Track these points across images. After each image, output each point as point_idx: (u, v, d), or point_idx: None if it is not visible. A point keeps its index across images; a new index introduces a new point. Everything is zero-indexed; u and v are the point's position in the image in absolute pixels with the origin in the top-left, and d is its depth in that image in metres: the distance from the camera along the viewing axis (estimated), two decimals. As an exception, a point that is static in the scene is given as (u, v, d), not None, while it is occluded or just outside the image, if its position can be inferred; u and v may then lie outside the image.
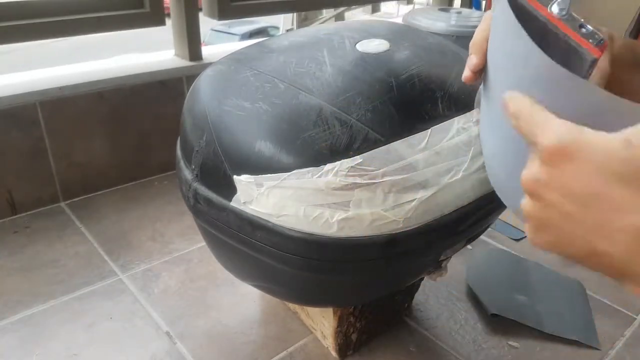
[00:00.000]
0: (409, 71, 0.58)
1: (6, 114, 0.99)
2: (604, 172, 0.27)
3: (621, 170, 0.27)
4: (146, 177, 1.22)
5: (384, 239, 0.53)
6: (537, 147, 0.30)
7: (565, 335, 0.81)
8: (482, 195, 0.57)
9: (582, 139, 0.28)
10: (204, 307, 0.84)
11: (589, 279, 0.94)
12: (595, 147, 0.28)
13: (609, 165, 0.27)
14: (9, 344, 0.75)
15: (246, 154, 0.53)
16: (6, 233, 1.00)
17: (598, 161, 0.28)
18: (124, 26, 1.12)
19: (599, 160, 0.27)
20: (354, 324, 0.73)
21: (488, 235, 1.06)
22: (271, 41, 0.68)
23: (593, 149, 0.28)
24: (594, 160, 0.28)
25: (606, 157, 0.27)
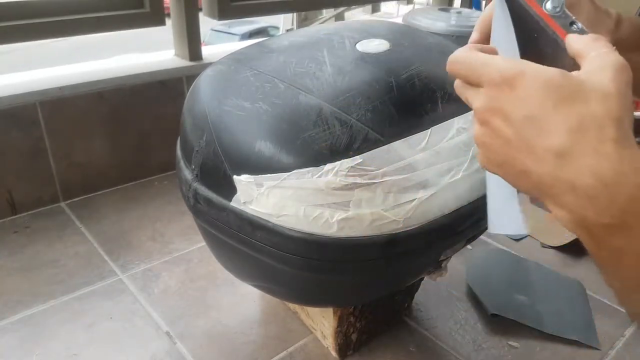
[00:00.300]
0: (409, 71, 0.58)
1: (6, 114, 0.99)
2: (539, 97, 0.31)
3: (555, 95, 0.30)
4: (146, 177, 1.22)
5: (384, 239, 0.53)
6: (483, 83, 0.34)
7: (565, 335, 0.81)
8: (482, 195, 0.57)
9: (522, 68, 0.31)
10: (204, 307, 0.84)
11: (589, 279, 0.94)
12: (534, 74, 0.31)
13: (544, 90, 0.30)
14: (9, 344, 0.75)
15: (246, 154, 0.53)
16: (6, 233, 1.00)
17: (535, 87, 0.31)
18: (124, 26, 1.12)
19: (536, 86, 0.31)
20: (354, 324, 0.73)
21: (488, 235, 1.06)
22: (271, 41, 0.68)
23: (532, 76, 0.31)
24: (531, 86, 0.31)
25: (543, 83, 0.31)
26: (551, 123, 0.30)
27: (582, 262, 0.99)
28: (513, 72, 0.32)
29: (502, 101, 0.32)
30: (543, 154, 0.31)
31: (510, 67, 0.32)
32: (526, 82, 0.31)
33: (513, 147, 0.32)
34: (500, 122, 0.33)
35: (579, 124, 0.29)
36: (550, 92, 0.30)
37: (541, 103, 0.30)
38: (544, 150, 0.31)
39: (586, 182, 0.29)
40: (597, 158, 0.29)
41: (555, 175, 0.30)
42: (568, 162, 0.30)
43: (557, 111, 0.30)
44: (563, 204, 0.31)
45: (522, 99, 0.31)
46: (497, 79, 0.32)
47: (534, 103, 0.31)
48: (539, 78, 0.31)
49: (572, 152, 0.30)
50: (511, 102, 0.32)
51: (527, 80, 0.31)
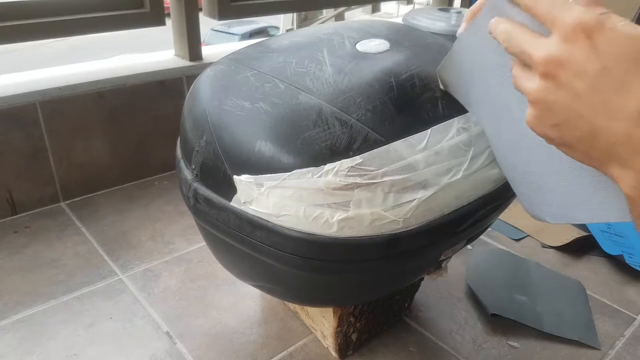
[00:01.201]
0: (409, 71, 0.58)
1: (6, 114, 0.99)
2: (620, 50, 0.29)
3: (635, 53, 0.28)
4: (146, 177, 1.22)
5: (384, 239, 0.53)
6: (557, 26, 0.31)
7: (565, 335, 0.81)
8: (482, 195, 0.57)
9: (604, 19, 0.29)
10: (204, 307, 0.84)
11: (589, 279, 0.94)
12: (617, 29, 0.29)
13: (626, 44, 0.29)
14: (9, 344, 0.75)
15: (246, 154, 0.53)
16: (6, 233, 1.00)
17: (616, 39, 0.29)
18: (124, 26, 1.12)
19: (617, 38, 0.29)
20: (354, 324, 0.73)
21: (488, 235, 1.06)
22: (271, 41, 0.68)
23: (614, 31, 0.29)
24: (612, 37, 0.29)
25: (625, 36, 0.29)
26: (631, 78, 0.29)
27: (582, 262, 0.99)
28: (594, 20, 0.29)
29: (577, 51, 0.30)
30: (619, 110, 0.29)
31: (590, 14, 0.30)
32: (606, 33, 0.29)
33: (583, 103, 0.30)
34: (571, 74, 0.30)
35: None
36: (632, 46, 0.29)
37: (622, 56, 0.29)
38: (621, 107, 0.29)
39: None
40: None
41: (631, 133, 0.29)
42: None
43: (634, 66, 0.28)
44: (632, 164, 0.30)
45: (601, 51, 0.29)
46: (574, 25, 0.30)
47: (614, 55, 0.29)
48: (621, 31, 0.29)
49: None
50: (587, 52, 0.29)
51: (608, 31, 0.29)
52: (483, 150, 0.57)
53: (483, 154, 0.56)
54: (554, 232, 1.05)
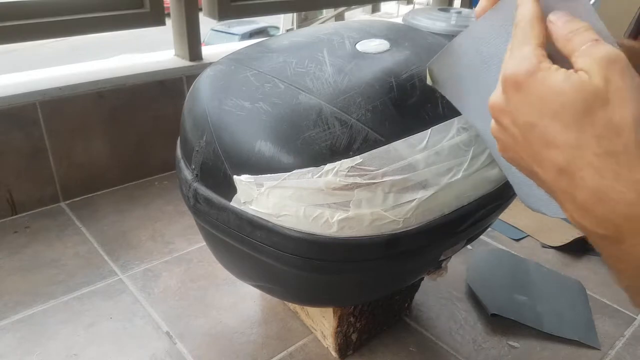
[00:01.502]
0: (409, 71, 0.58)
1: (6, 114, 0.99)
2: (542, 110, 0.30)
3: (556, 108, 0.30)
4: (146, 177, 1.22)
5: (384, 239, 0.53)
6: (502, 70, 0.33)
7: (565, 335, 0.81)
8: (482, 195, 0.57)
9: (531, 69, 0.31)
10: (204, 307, 0.84)
11: (589, 279, 0.94)
12: (544, 82, 0.30)
13: (548, 103, 0.30)
14: (9, 344, 0.75)
15: (246, 154, 0.53)
16: (6, 233, 1.00)
17: (540, 97, 0.30)
18: (124, 26, 1.12)
19: (542, 96, 0.30)
20: (354, 324, 0.73)
21: (488, 235, 1.06)
22: (271, 41, 0.68)
23: (540, 84, 0.30)
24: (536, 95, 0.31)
25: (549, 94, 0.30)
26: (553, 133, 0.30)
27: (582, 262, 0.99)
28: (524, 73, 0.31)
29: (510, 103, 0.32)
30: (545, 163, 0.31)
31: (526, 64, 0.31)
32: (532, 87, 0.31)
33: (520, 148, 0.33)
34: (510, 122, 0.33)
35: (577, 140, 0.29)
36: (554, 100, 0.30)
37: (545, 112, 0.30)
38: (546, 160, 0.31)
39: (583, 196, 0.30)
40: (592, 174, 0.29)
41: (556, 184, 0.31)
42: (567, 175, 0.30)
43: (555, 123, 0.30)
44: (565, 208, 0.32)
45: (527, 105, 0.31)
46: (508, 77, 0.32)
47: (537, 111, 0.30)
48: (547, 85, 0.30)
49: (571, 166, 0.30)
50: (517, 105, 0.32)
51: (535, 85, 0.31)
52: (483, 150, 0.57)
53: (483, 154, 0.56)
54: (554, 232, 1.05)
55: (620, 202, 0.28)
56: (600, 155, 0.28)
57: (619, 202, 0.28)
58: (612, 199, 0.29)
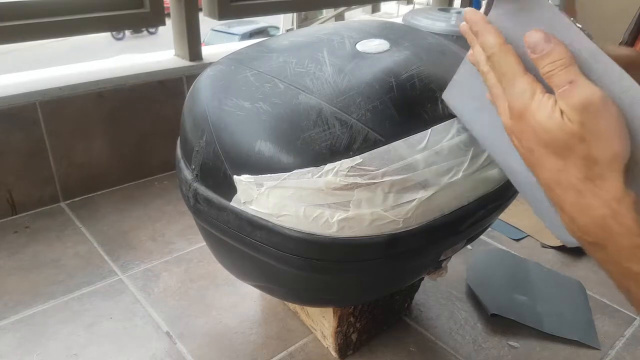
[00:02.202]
0: (409, 71, 0.58)
1: (6, 114, 0.99)
2: (536, 137, 0.36)
3: (546, 139, 0.36)
4: (146, 177, 1.22)
5: (384, 239, 0.53)
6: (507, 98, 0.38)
7: (565, 335, 0.81)
8: (482, 195, 0.57)
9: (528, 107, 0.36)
10: (204, 307, 0.84)
11: (589, 279, 0.94)
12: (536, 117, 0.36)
13: (540, 136, 0.36)
14: (9, 344, 0.75)
15: (246, 154, 0.53)
16: (6, 233, 1.00)
17: (534, 130, 0.36)
18: (124, 26, 1.12)
19: (535, 130, 0.36)
20: (354, 324, 0.73)
21: (488, 235, 1.06)
22: (271, 41, 0.68)
23: (534, 119, 0.36)
24: (531, 128, 0.36)
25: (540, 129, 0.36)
26: (544, 160, 0.37)
27: (582, 262, 0.99)
28: (521, 107, 0.37)
29: (515, 127, 0.38)
30: (541, 180, 0.38)
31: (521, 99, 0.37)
32: (527, 121, 0.36)
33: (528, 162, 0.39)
34: (517, 142, 0.39)
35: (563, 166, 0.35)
36: (543, 135, 0.36)
37: (537, 141, 0.36)
38: (541, 178, 0.38)
39: (569, 209, 0.36)
40: (575, 193, 0.35)
41: (550, 196, 0.38)
42: (556, 192, 0.37)
43: (546, 150, 0.36)
44: (561, 217, 0.38)
45: (526, 132, 0.37)
46: (510, 106, 0.38)
47: (532, 139, 0.37)
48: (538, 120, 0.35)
49: (559, 185, 0.36)
50: (520, 130, 0.38)
51: (529, 119, 0.36)
52: (483, 150, 0.57)
53: (483, 154, 0.56)
54: (554, 232, 1.05)
55: (596, 216, 0.35)
56: (580, 179, 0.35)
57: (595, 216, 0.35)
58: (589, 213, 0.35)
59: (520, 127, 0.37)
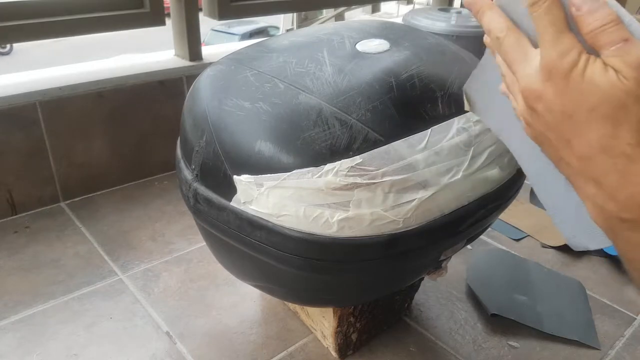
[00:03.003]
0: (409, 71, 0.58)
1: (6, 114, 0.99)
2: (578, 103, 0.32)
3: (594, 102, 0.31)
4: (146, 177, 1.22)
5: (384, 239, 0.53)
6: (541, 58, 0.34)
7: (565, 335, 0.81)
8: (482, 195, 0.57)
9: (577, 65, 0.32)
10: (204, 307, 0.84)
11: (589, 279, 0.94)
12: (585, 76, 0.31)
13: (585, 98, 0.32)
14: (9, 344, 0.75)
15: (246, 154, 0.53)
16: (6, 233, 1.00)
17: (579, 91, 0.32)
18: (124, 26, 1.12)
19: (580, 91, 0.32)
20: (354, 324, 0.73)
21: (488, 235, 1.06)
22: (271, 41, 0.68)
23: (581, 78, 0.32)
24: (576, 88, 0.32)
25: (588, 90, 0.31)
26: (584, 127, 0.32)
27: (582, 262, 0.99)
28: (567, 64, 0.32)
29: (549, 90, 0.33)
30: (576, 149, 0.33)
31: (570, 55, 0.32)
32: (572, 80, 0.32)
33: (552, 134, 0.34)
34: (545, 108, 0.34)
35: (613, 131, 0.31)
36: (590, 97, 0.31)
37: (580, 105, 0.32)
38: (578, 147, 0.33)
39: (611, 180, 0.32)
40: (624, 160, 0.31)
41: (584, 169, 0.33)
42: (597, 162, 0.32)
43: (592, 115, 0.32)
44: (588, 194, 0.34)
45: (566, 96, 0.32)
46: (551, 65, 0.33)
47: (573, 103, 0.32)
48: (587, 79, 0.31)
49: (604, 154, 0.32)
50: (555, 94, 0.33)
51: (575, 78, 0.32)
52: (483, 150, 0.57)
53: (483, 154, 0.56)
54: (554, 232, 1.05)
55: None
56: (633, 144, 0.31)
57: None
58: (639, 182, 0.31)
59: (556, 90, 0.33)
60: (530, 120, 0.36)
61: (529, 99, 0.35)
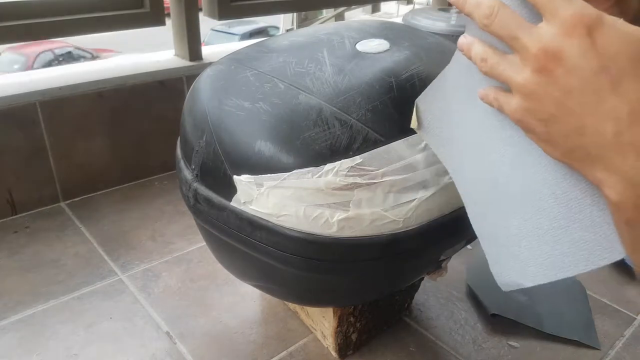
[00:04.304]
0: (409, 71, 0.58)
1: (6, 114, 0.99)
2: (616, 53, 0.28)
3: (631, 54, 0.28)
4: (146, 177, 1.22)
5: (384, 239, 0.53)
6: (558, 18, 0.29)
7: (565, 335, 0.81)
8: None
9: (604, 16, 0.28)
10: (204, 307, 0.84)
11: (589, 279, 0.94)
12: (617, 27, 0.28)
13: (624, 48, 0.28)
14: (9, 344, 0.75)
15: (246, 154, 0.53)
16: (6, 233, 1.00)
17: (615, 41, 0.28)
18: (124, 26, 1.12)
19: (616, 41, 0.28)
20: (354, 324, 0.73)
21: (488, 235, 1.06)
22: (271, 41, 0.68)
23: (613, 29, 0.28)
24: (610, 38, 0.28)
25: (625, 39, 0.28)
26: (626, 79, 0.28)
27: (582, 262, 0.99)
28: (595, 16, 0.29)
29: (575, 46, 0.29)
30: (611, 110, 0.28)
31: (591, 9, 0.29)
32: (606, 31, 0.28)
33: (575, 100, 0.29)
34: (567, 70, 0.29)
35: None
36: (629, 46, 0.28)
37: (619, 56, 0.28)
38: (613, 107, 0.28)
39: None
40: None
41: (620, 134, 0.28)
42: (637, 121, 0.28)
43: (630, 68, 0.28)
44: (618, 167, 0.29)
45: (599, 49, 0.28)
46: (575, 19, 0.29)
47: (611, 54, 0.28)
48: (620, 29, 0.28)
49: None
50: (585, 49, 0.29)
51: (607, 29, 0.28)
52: (483, 150, 0.57)
53: (483, 154, 0.56)
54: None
55: None
56: None
57: None
58: None
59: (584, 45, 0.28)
60: (539, 91, 0.31)
61: (545, 62, 0.30)
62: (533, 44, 0.30)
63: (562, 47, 0.29)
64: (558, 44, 0.29)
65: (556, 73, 0.30)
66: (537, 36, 0.30)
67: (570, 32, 0.29)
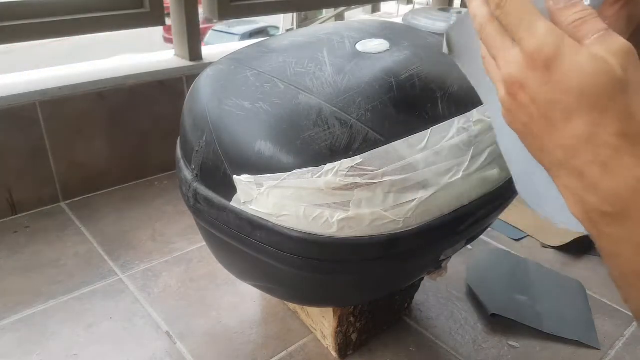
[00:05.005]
0: (409, 71, 0.58)
1: (6, 114, 0.99)
2: (567, 88, 0.31)
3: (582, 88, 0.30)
4: (146, 177, 1.22)
5: (384, 239, 0.53)
6: (522, 47, 0.33)
7: (565, 335, 0.81)
8: (482, 195, 0.57)
9: (560, 48, 0.31)
10: (204, 307, 0.84)
11: (589, 279, 0.94)
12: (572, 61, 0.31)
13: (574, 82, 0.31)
14: (9, 344, 0.75)
15: (246, 154, 0.53)
16: (6, 233, 1.00)
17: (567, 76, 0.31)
18: (124, 26, 1.12)
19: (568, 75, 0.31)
20: (354, 324, 0.73)
21: (488, 235, 1.06)
22: (271, 41, 0.68)
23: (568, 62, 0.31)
24: (563, 73, 0.31)
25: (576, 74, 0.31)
26: (574, 112, 0.31)
27: (582, 262, 0.99)
28: (552, 48, 0.31)
29: (533, 78, 0.32)
30: (561, 139, 0.32)
31: (552, 39, 0.31)
32: (560, 65, 0.31)
33: (535, 125, 0.33)
34: (528, 98, 0.33)
35: (599, 119, 0.30)
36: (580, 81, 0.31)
37: (568, 90, 0.31)
38: (562, 137, 0.32)
39: (594, 171, 0.31)
40: (607, 150, 0.31)
41: (567, 160, 0.32)
42: (581, 151, 0.31)
43: (580, 101, 0.31)
44: (569, 186, 0.33)
45: (553, 82, 0.31)
46: (535, 52, 0.32)
47: (562, 89, 0.31)
48: (575, 64, 0.31)
49: (587, 143, 0.31)
50: (541, 82, 0.32)
51: (563, 63, 0.31)
52: (483, 150, 0.57)
53: (483, 154, 0.56)
54: (554, 232, 1.05)
55: (629, 177, 0.30)
56: (617, 134, 0.30)
57: (628, 176, 0.30)
58: (622, 173, 0.31)
59: (542, 78, 0.32)
60: (512, 109, 0.35)
61: (512, 88, 0.34)
62: (504, 68, 0.34)
63: (525, 78, 0.33)
64: (522, 74, 0.33)
65: (520, 99, 0.34)
66: (509, 61, 0.34)
67: (531, 64, 0.32)
